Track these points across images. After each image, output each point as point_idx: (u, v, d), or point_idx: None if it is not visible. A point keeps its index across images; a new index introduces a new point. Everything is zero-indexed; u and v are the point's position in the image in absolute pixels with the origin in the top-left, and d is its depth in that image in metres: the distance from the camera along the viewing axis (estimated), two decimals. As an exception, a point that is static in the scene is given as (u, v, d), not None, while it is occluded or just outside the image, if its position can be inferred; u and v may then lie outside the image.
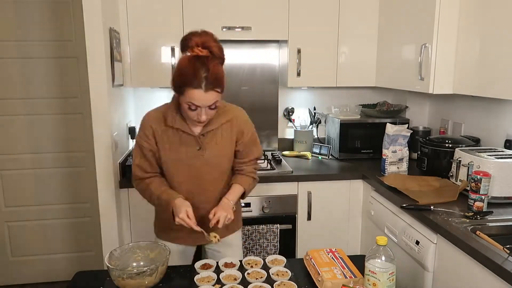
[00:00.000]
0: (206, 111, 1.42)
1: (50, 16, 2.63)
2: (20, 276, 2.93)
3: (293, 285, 1.28)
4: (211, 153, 1.54)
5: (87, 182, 2.84)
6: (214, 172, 1.57)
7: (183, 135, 1.52)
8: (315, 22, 2.51)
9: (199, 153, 1.53)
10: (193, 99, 1.38)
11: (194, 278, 1.34)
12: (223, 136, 1.56)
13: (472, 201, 1.68)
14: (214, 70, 1.38)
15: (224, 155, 1.58)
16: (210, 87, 1.37)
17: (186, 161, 1.53)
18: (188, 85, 1.36)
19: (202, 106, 1.39)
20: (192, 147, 1.52)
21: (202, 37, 1.43)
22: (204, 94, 1.37)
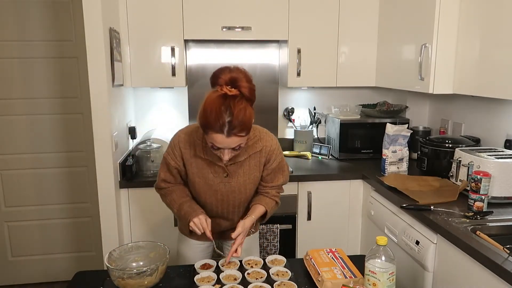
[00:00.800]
0: (229, 151, 1.38)
1: (50, 16, 2.63)
2: (20, 276, 2.93)
3: (293, 285, 1.28)
4: (238, 180, 1.54)
5: (87, 182, 2.85)
6: (240, 197, 1.58)
7: (211, 163, 1.51)
8: (315, 22, 2.51)
9: (226, 180, 1.53)
10: (215, 142, 1.34)
11: (194, 278, 1.34)
12: (251, 165, 1.54)
13: (472, 201, 1.68)
14: (239, 114, 1.29)
15: (251, 182, 1.57)
16: (233, 132, 1.30)
17: (213, 186, 1.54)
18: (210, 128, 1.31)
19: (224, 148, 1.36)
20: (219, 173, 1.52)
21: (233, 74, 1.35)
22: (226, 139, 1.31)
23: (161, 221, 2.32)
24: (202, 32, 2.43)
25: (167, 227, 2.31)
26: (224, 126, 1.29)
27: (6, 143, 2.75)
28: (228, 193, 1.56)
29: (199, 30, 2.42)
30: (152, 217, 2.33)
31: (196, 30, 2.42)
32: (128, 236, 2.32)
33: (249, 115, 1.34)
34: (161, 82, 2.47)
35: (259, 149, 1.53)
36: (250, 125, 1.35)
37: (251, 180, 1.56)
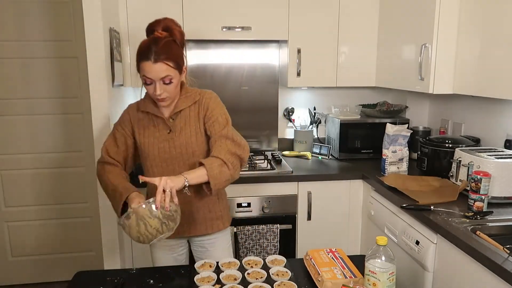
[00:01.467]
0: (160, 85, 1.47)
1: (50, 16, 2.63)
2: (20, 276, 2.93)
3: (293, 285, 1.28)
4: (180, 134, 1.58)
5: (87, 182, 2.84)
6: (184, 154, 1.58)
7: (155, 120, 1.59)
8: (315, 22, 2.51)
9: (170, 136, 1.58)
10: (144, 71, 1.46)
11: (194, 278, 1.34)
12: (191, 117, 1.59)
13: (472, 201, 1.68)
14: (164, 44, 1.46)
15: (193, 135, 1.58)
16: (159, 58, 1.43)
17: (157, 144, 1.58)
18: (141, 59, 1.47)
19: (154, 78, 1.46)
20: (163, 130, 1.59)
21: (165, 22, 1.54)
22: (153, 65, 1.44)
23: (161, 221, 2.32)
24: (202, 32, 2.43)
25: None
26: (150, 53, 1.44)
27: (6, 143, 2.75)
28: (172, 149, 1.57)
29: (199, 30, 2.42)
30: (152, 217, 2.32)
31: (196, 30, 2.41)
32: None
33: (176, 49, 1.50)
34: (161, 82, 2.47)
35: (196, 98, 1.60)
36: (177, 58, 1.49)
37: (193, 133, 1.58)
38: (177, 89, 1.54)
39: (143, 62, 1.46)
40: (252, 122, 1.60)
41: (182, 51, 1.54)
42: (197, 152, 1.59)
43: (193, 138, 1.58)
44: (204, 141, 1.60)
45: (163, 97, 1.50)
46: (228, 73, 2.79)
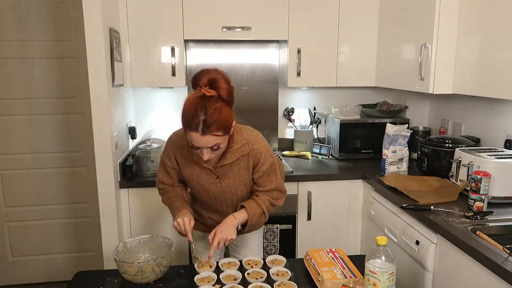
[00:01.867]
0: (207, 151, 1.40)
1: (50, 16, 2.63)
2: (20, 276, 2.93)
3: (293, 285, 1.28)
4: (229, 182, 1.57)
5: (87, 182, 2.84)
6: (232, 198, 1.62)
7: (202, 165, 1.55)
8: (315, 22, 2.51)
9: (217, 181, 1.57)
10: (192, 140, 1.38)
11: (194, 278, 1.34)
12: (240, 168, 1.56)
13: (472, 201, 1.68)
14: (214, 113, 1.33)
15: (241, 184, 1.59)
16: (207, 130, 1.34)
17: (205, 186, 1.58)
18: (187, 126, 1.37)
19: (202, 147, 1.39)
20: (210, 175, 1.56)
21: (212, 75, 1.39)
22: (201, 137, 1.35)
23: (161, 221, 2.32)
24: (202, 32, 2.43)
25: (167, 227, 2.32)
26: (198, 125, 1.33)
27: (6, 143, 2.75)
28: (220, 193, 1.60)
29: (199, 30, 2.42)
30: (152, 217, 2.32)
31: (196, 30, 2.42)
32: (128, 236, 2.32)
33: (226, 115, 1.37)
34: (161, 82, 2.47)
35: (246, 152, 1.54)
36: (227, 125, 1.38)
37: (241, 182, 1.59)
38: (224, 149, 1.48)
39: (190, 132, 1.36)
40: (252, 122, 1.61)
41: (230, 112, 1.40)
42: (243, 193, 1.63)
43: (241, 186, 1.59)
44: (251, 184, 1.62)
45: (210, 161, 1.48)
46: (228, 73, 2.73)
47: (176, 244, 1.59)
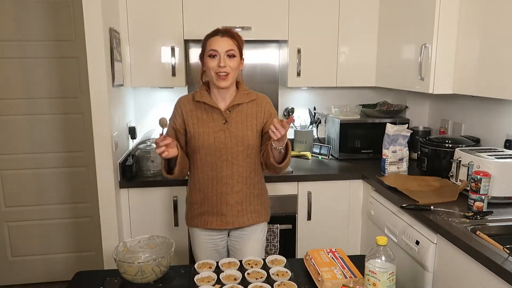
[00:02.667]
0: (225, 59, 1.60)
1: (50, 16, 2.63)
2: (20, 276, 2.93)
3: (293, 285, 1.28)
4: (237, 126, 1.66)
5: (87, 182, 2.85)
6: (240, 146, 1.66)
7: (210, 111, 1.67)
8: (315, 22, 2.51)
9: (225, 127, 1.66)
10: (211, 45, 1.61)
11: (194, 278, 1.34)
12: (248, 113, 1.69)
13: (472, 201, 1.68)
14: (230, 30, 1.65)
15: (249, 129, 1.67)
16: (225, 34, 1.63)
17: (213, 134, 1.65)
18: (208, 37, 1.64)
19: (219, 50, 1.59)
20: (218, 121, 1.66)
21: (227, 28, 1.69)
22: (220, 39, 1.61)
23: (161, 221, 2.32)
24: (202, 32, 2.41)
25: (167, 227, 2.32)
26: (218, 31, 1.65)
27: (6, 143, 2.75)
28: (228, 140, 1.65)
29: (199, 30, 2.42)
30: (152, 217, 2.32)
31: (196, 30, 2.42)
32: (128, 236, 2.32)
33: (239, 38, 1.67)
34: (161, 82, 2.47)
35: (253, 97, 1.71)
36: (240, 42, 1.66)
37: (249, 127, 1.67)
38: (237, 71, 1.64)
39: (210, 39, 1.63)
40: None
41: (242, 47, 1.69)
42: (252, 146, 1.69)
43: (249, 132, 1.67)
44: (258, 138, 1.71)
45: (225, 71, 1.59)
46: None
47: (176, 244, 1.59)
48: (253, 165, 1.72)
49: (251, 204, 1.74)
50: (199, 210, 1.74)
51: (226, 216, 1.71)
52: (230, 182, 1.68)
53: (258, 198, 1.77)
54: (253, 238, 1.78)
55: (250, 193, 1.73)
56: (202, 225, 1.74)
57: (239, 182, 1.69)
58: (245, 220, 1.73)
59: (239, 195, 1.70)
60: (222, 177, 1.68)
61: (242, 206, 1.72)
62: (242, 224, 1.74)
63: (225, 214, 1.70)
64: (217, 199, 1.69)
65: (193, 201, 1.76)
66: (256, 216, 1.76)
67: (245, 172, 1.69)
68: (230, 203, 1.70)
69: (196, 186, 1.73)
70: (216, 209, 1.70)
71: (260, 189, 1.79)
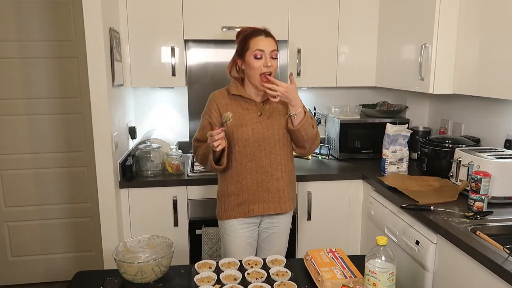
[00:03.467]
0: (269, 58, 1.66)
1: (50, 16, 2.63)
2: (20, 276, 2.93)
3: (293, 285, 1.28)
4: (272, 117, 1.74)
5: (87, 182, 2.85)
6: (276, 135, 1.74)
7: (246, 104, 1.75)
8: (315, 22, 2.51)
9: (261, 119, 1.73)
10: (258, 45, 1.65)
11: (194, 278, 1.34)
12: (279, 109, 1.77)
13: (472, 201, 1.68)
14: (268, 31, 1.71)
15: (282, 119, 1.75)
16: (269, 34, 1.69)
17: (251, 125, 1.72)
18: (251, 36, 1.68)
19: (266, 50, 1.65)
20: (253, 113, 1.74)
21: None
22: (266, 39, 1.67)
23: (161, 221, 2.32)
24: (202, 32, 2.43)
25: (167, 227, 2.32)
26: (261, 31, 1.70)
27: (6, 143, 2.75)
28: (265, 130, 1.72)
29: (199, 30, 2.42)
30: (152, 217, 2.32)
31: (196, 30, 2.42)
32: (128, 236, 2.32)
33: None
34: (161, 82, 2.47)
35: None
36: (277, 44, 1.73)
37: (282, 118, 1.75)
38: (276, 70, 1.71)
39: (255, 38, 1.67)
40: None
41: None
42: (287, 134, 1.77)
43: (283, 121, 1.75)
44: None
45: (270, 71, 1.66)
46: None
47: (176, 244, 1.58)
48: (289, 152, 1.81)
49: (290, 191, 1.82)
50: (237, 201, 1.77)
51: (268, 203, 1.77)
52: (269, 171, 1.75)
53: (293, 185, 1.86)
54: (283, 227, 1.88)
55: (289, 180, 1.81)
56: (242, 214, 1.78)
57: (278, 170, 1.76)
58: (287, 206, 1.81)
59: (279, 182, 1.77)
60: (262, 166, 1.74)
61: (284, 193, 1.79)
62: (284, 210, 1.80)
63: (267, 201, 1.76)
64: (258, 187, 1.75)
65: (229, 193, 1.78)
66: (291, 203, 1.84)
67: (283, 160, 1.77)
68: (271, 190, 1.76)
69: (233, 178, 1.76)
70: (258, 196, 1.75)
71: (294, 177, 1.89)
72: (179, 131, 2.85)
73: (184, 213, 2.32)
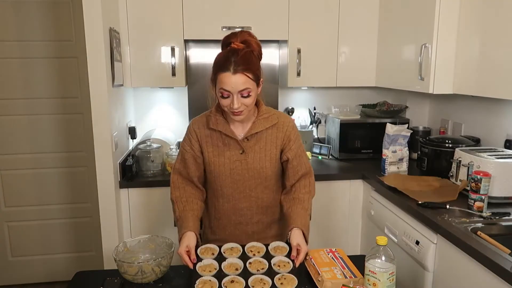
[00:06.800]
0: (238, 98, 1.40)
1: (50, 16, 2.63)
2: (20, 276, 2.93)
3: (294, 279, 1.27)
4: (254, 157, 1.52)
5: (87, 182, 2.84)
6: (256, 177, 1.55)
7: (226, 139, 1.52)
8: (315, 22, 2.51)
9: (242, 157, 1.52)
10: (223, 83, 1.38)
11: (196, 266, 1.33)
12: (267, 141, 1.54)
13: (472, 201, 1.68)
14: (244, 56, 1.39)
15: (267, 159, 1.54)
16: (239, 69, 1.37)
17: (228, 164, 1.53)
18: (219, 70, 1.39)
19: (232, 91, 1.38)
20: (235, 150, 1.52)
21: (242, 34, 1.48)
22: (233, 76, 1.37)
23: (161, 221, 2.32)
24: (202, 32, 2.43)
25: (167, 227, 2.32)
26: (230, 64, 1.37)
27: (6, 143, 2.75)
28: (244, 172, 1.53)
29: (199, 30, 2.42)
30: (152, 217, 2.32)
31: (196, 30, 2.42)
32: (128, 236, 2.32)
33: (255, 61, 1.44)
34: (161, 82, 2.47)
35: (274, 122, 1.54)
36: (256, 69, 1.42)
37: (267, 158, 1.53)
38: (253, 104, 1.46)
39: (221, 73, 1.38)
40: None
41: (259, 63, 1.48)
42: (270, 176, 1.56)
43: (267, 163, 1.53)
44: (278, 166, 1.58)
45: (240, 111, 1.42)
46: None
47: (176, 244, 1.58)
48: (273, 194, 1.61)
49: (271, 230, 1.65)
50: (215, 237, 1.64)
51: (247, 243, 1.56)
52: (248, 214, 1.58)
53: (279, 224, 1.66)
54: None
55: (271, 221, 1.64)
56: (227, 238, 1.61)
57: (257, 213, 1.59)
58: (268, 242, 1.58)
59: (258, 225, 1.61)
60: (240, 209, 1.58)
61: (263, 234, 1.62)
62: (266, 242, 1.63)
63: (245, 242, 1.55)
64: (235, 229, 1.60)
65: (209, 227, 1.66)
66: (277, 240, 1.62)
67: (264, 203, 1.59)
68: (249, 233, 1.61)
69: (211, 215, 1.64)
70: (235, 239, 1.58)
71: (281, 214, 1.65)
72: (179, 131, 2.85)
73: (184, 213, 2.32)
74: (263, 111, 1.54)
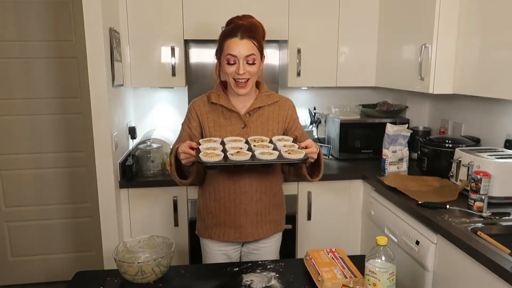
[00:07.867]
0: (244, 64, 1.45)
1: (50, 16, 2.63)
2: (20, 276, 2.93)
3: (301, 151, 1.30)
4: (256, 132, 1.55)
5: (87, 182, 2.84)
6: None
7: (228, 113, 1.56)
8: (315, 22, 2.51)
9: (244, 131, 1.55)
10: (230, 49, 1.44)
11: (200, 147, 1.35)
12: (269, 117, 1.58)
13: (472, 201, 1.68)
14: (250, 25, 1.47)
15: (269, 135, 1.55)
16: (246, 35, 1.44)
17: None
18: (226, 37, 1.45)
19: (238, 56, 1.44)
20: (237, 125, 1.55)
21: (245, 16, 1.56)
22: (240, 41, 1.43)
23: (161, 222, 2.32)
24: (202, 32, 2.43)
25: (167, 227, 2.32)
26: (237, 31, 1.45)
27: (6, 143, 2.75)
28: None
29: (199, 30, 2.42)
30: (152, 217, 2.33)
31: (196, 30, 2.42)
32: (128, 236, 2.32)
33: (260, 32, 1.52)
34: (161, 82, 2.47)
35: (276, 99, 1.60)
36: (261, 39, 1.50)
37: (269, 133, 1.56)
38: (256, 75, 1.51)
39: (228, 40, 1.45)
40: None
41: (263, 40, 1.53)
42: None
43: (269, 137, 1.54)
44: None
45: (244, 77, 1.47)
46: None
47: (176, 244, 1.59)
48: (274, 172, 1.61)
49: (270, 214, 1.64)
50: (214, 221, 1.63)
51: (246, 228, 1.60)
52: (249, 191, 1.57)
53: (277, 208, 1.67)
54: (269, 250, 1.71)
55: (270, 203, 1.63)
56: (217, 237, 1.63)
57: (258, 190, 1.58)
58: (265, 231, 1.64)
59: (258, 205, 1.59)
60: (241, 186, 1.56)
61: (262, 217, 1.61)
62: (262, 236, 1.64)
63: (244, 226, 1.60)
64: (236, 209, 1.58)
65: (207, 211, 1.64)
66: (274, 226, 1.67)
67: (265, 180, 1.59)
68: (249, 213, 1.59)
69: (211, 195, 1.62)
70: (234, 220, 1.59)
71: (280, 198, 1.69)
72: (179, 131, 2.85)
73: (184, 213, 2.32)
74: (264, 90, 1.60)
